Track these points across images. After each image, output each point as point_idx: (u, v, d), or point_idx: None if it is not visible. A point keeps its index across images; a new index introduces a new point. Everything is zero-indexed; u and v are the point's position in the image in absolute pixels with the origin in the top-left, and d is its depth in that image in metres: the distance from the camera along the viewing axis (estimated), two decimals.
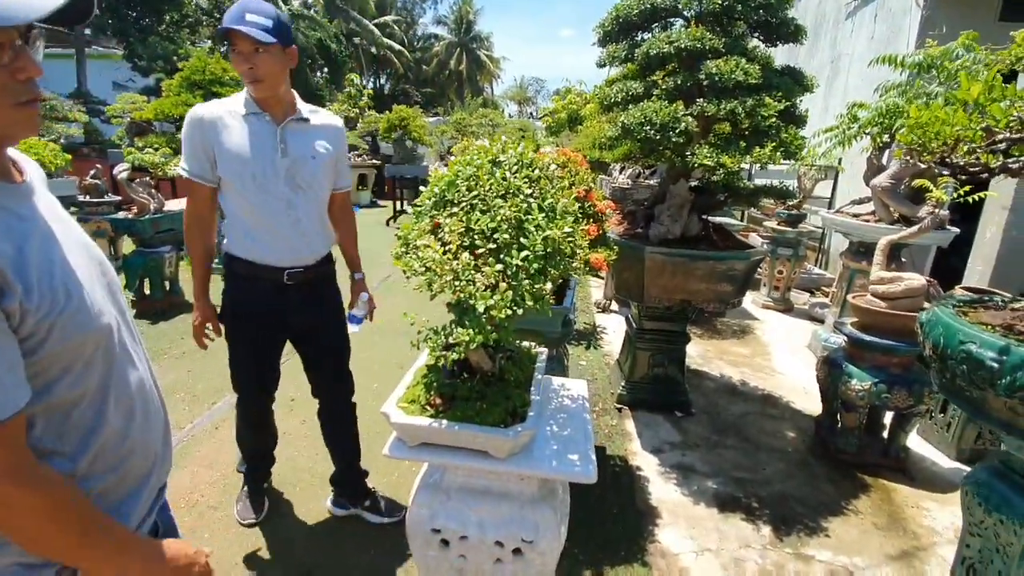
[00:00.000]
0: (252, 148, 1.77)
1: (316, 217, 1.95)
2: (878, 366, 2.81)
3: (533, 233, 1.00)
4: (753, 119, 2.34)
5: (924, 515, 2.55)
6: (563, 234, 1.03)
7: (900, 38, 5.90)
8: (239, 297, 1.97)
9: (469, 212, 1.04)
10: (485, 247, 1.00)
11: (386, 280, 6.12)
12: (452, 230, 1.02)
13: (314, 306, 2.05)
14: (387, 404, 1.21)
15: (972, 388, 1.45)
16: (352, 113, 13.84)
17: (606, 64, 2.92)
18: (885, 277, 2.81)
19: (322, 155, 1.90)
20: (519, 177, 1.08)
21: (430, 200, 1.13)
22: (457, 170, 1.11)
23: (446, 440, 1.12)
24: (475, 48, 36.29)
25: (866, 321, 2.89)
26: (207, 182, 1.84)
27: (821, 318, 5.31)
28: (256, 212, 1.83)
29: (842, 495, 2.66)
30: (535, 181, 1.10)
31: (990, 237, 4.33)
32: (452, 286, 0.98)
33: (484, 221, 1.01)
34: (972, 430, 2.98)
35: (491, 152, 1.14)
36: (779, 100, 2.38)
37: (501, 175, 1.08)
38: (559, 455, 1.17)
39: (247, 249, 1.89)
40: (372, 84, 31.09)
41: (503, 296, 0.95)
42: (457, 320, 1.03)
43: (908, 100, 3.98)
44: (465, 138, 9.98)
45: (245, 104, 1.81)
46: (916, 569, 2.21)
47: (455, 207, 1.06)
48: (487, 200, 1.04)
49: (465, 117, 12.58)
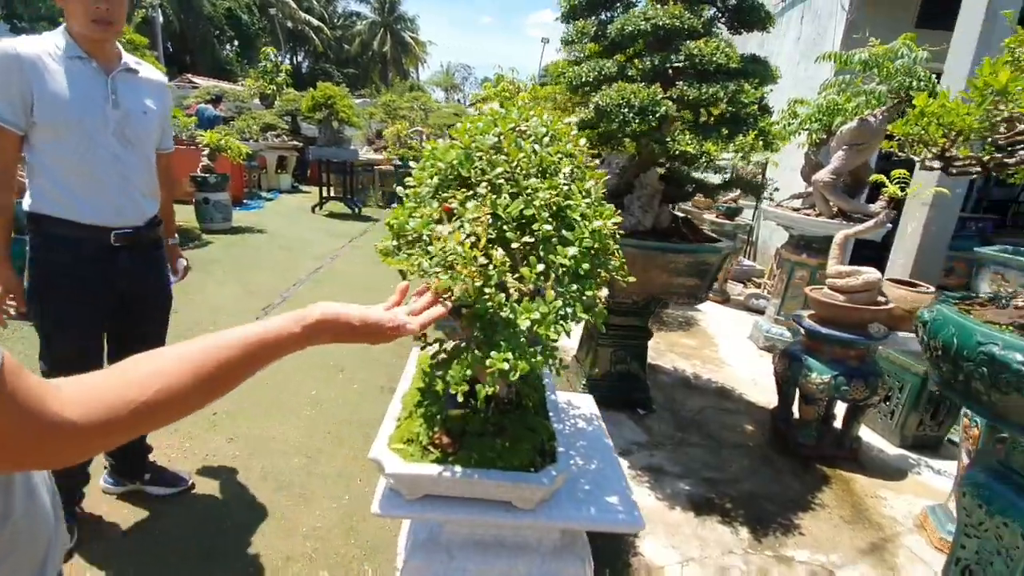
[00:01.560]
0: (80, 96, 1.63)
1: (145, 175, 1.86)
2: (837, 359, 2.84)
3: (579, 224, 0.76)
4: (734, 105, 2.21)
5: (883, 504, 2.60)
6: (614, 225, 0.80)
7: (826, 39, 6.17)
8: (54, 261, 1.74)
9: (496, 194, 0.78)
10: (519, 240, 0.75)
11: (316, 273, 5.61)
12: (477, 218, 0.75)
13: (143, 270, 1.92)
14: (377, 447, 0.92)
15: (992, 391, 1.39)
16: (269, 90, 12.76)
17: (573, 41, 2.71)
18: (844, 271, 2.84)
19: (152, 111, 1.84)
20: (552, 151, 0.83)
21: (433, 178, 0.86)
22: (472, 139, 0.84)
23: (460, 491, 0.87)
24: (400, 30, 35.00)
25: (824, 314, 2.91)
26: (18, 129, 1.62)
27: (758, 308, 5.48)
28: (79, 166, 1.68)
29: (807, 489, 2.66)
30: (570, 157, 0.86)
31: (911, 231, 4.60)
32: (479, 294, 0.72)
33: (516, 207, 0.76)
34: (914, 418, 3.10)
35: (510, 118, 0.88)
36: (756, 87, 2.28)
37: (528, 145, 0.83)
38: (593, 498, 0.94)
39: (66, 207, 1.70)
40: (289, 62, 29.11)
41: (552, 308, 0.71)
42: (483, 339, 0.77)
43: (846, 98, 4.11)
44: (397, 122, 9.47)
45: (67, 47, 1.64)
46: (888, 563, 2.22)
47: (474, 188, 0.80)
48: (516, 179, 0.79)
49: (395, 99, 11.97)
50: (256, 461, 2.45)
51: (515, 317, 0.71)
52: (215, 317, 4.03)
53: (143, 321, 1.98)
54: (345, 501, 2.25)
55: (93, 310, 1.82)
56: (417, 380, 1.07)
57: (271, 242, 6.67)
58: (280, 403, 2.96)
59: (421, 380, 1.06)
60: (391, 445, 0.91)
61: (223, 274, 5.18)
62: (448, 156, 0.84)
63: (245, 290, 4.79)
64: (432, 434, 0.91)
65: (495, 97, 9.64)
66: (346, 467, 2.47)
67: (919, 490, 2.75)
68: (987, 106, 1.49)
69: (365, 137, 12.62)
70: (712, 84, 2.17)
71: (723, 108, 2.25)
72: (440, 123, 10.58)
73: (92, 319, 1.84)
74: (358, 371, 3.44)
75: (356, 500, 2.26)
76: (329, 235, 7.42)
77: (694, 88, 2.16)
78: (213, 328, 3.48)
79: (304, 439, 2.66)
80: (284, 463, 2.45)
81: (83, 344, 1.84)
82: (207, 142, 6.91)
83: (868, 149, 3.84)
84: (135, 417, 0.56)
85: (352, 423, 2.85)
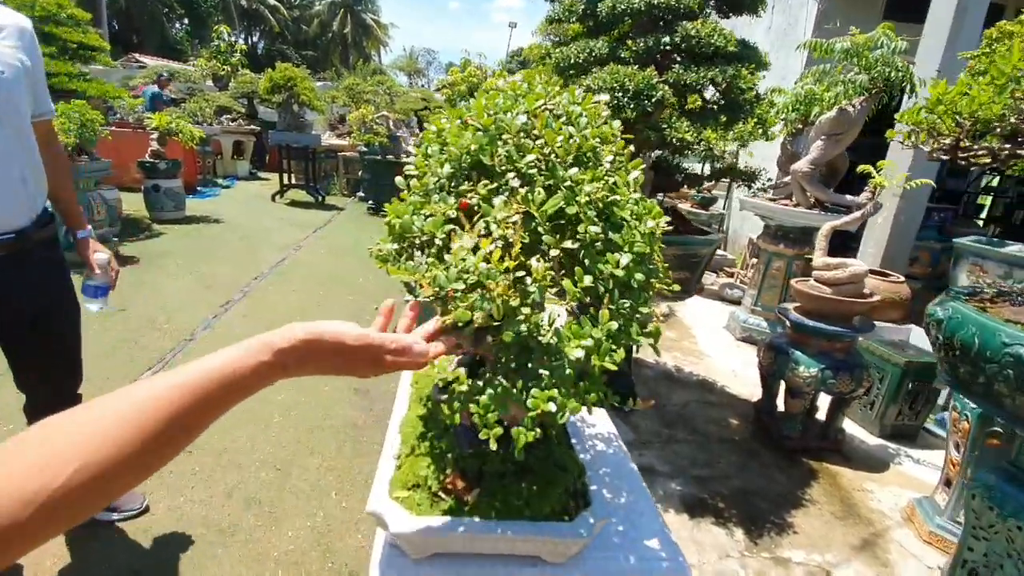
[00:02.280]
0: None
1: (21, 157, 1.40)
2: (823, 352, 2.81)
3: (629, 225, 0.62)
4: (732, 91, 2.10)
5: (870, 498, 2.59)
6: (666, 224, 0.66)
7: (797, 29, 6.19)
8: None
9: (529, 188, 0.62)
10: (557, 246, 0.60)
11: (280, 265, 5.30)
12: (507, 217, 0.60)
13: (36, 281, 1.51)
14: (375, 497, 0.76)
15: (1018, 394, 1.33)
16: (223, 71, 12.08)
17: (560, 19, 2.55)
18: (831, 263, 2.80)
19: (16, 68, 1.36)
20: (591, 135, 0.68)
21: (444, 166, 0.69)
22: (495, 119, 0.68)
23: (480, 548, 0.72)
24: (360, 11, 33.88)
25: (810, 307, 2.87)
26: None
27: (732, 299, 5.49)
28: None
29: (795, 484, 2.63)
30: (610, 142, 0.71)
31: (882, 221, 4.67)
32: (513, 313, 0.57)
33: (554, 203, 0.61)
34: (894, 408, 3.12)
35: (537, 94, 0.72)
36: (752, 72, 2.17)
37: (558, 127, 0.67)
38: (629, 541, 0.81)
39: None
40: (244, 42, 27.77)
41: (606, 330, 0.57)
42: (517, 369, 0.61)
43: (824, 87, 4.09)
44: (361, 106, 9.09)
45: None
46: (881, 559, 2.20)
47: (499, 180, 0.64)
48: (553, 169, 0.64)
49: (358, 83, 11.51)
50: (220, 476, 2.23)
51: (562, 344, 0.57)
52: (169, 315, 3.73)
53: (48, 342, 1.61)
54: (320, 519, 2.07)
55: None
56: (416, 405, 0.91)
57: (229, 232, 6.29)
58: (245, 410, 2.73)
59: (421, 405, 0.90)
60: (393, 493, 0.75)
61: (176, 267, 4.82)
62: (464, 140, 0.68)
63: (201, 284, 4.47)
64: (443, 477, 0.75)
65: (462, 82, 9.44)
66: (320, 479, 2.28)
67: (902, 481, 2.76)
68: (1008, 95, 1.42)
69: (328, 122, 12.12)
70: (711, 68, 2.06)
71: (710, 95, 2.14)
72: (407, 108, 10.22)
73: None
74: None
75: (332, 517, 2.08)
76: (291, 225, 7.07)
77: (692, 72, 2.04)
78: (167, 326, 3.19)
79: (273, 449, 2.45)
80: (251, 477, 2.25)
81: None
82: (156, 125, 6.44)
83: (845, 139, 3.83)
84: (69, 507, 0.39)
85: (324, 429, 2.65)
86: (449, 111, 0.83)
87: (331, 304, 4.33)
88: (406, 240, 0.68)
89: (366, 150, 8.58)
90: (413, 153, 0.87)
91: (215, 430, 2.52)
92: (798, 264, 4.32)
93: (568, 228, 0.62)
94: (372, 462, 2.45)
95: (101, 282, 1.64)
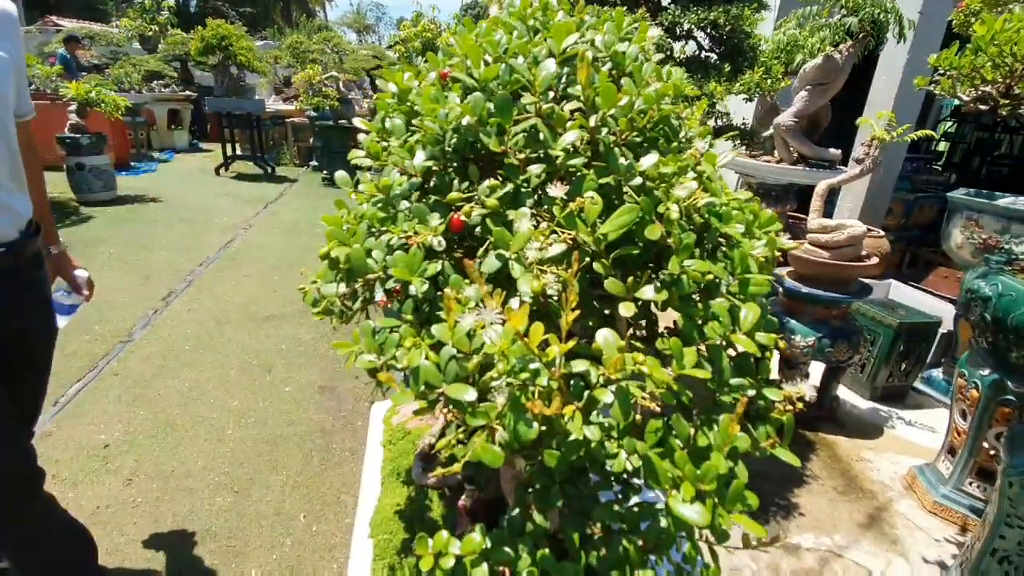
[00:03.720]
0: None
1: (8, 163, 1.23)
2: (819, 319, 2.67)
3: (740, 247, 0.37)
4: (735, 35, 1.83)
5: (869, 468, 2.52)
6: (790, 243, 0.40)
7: None
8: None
9: (574, 191, 0.36)
10: (628, 295, 0.34)
11: (228, 247, 4.85)
12: (548, 247, 0.33)
13: (20, 304, 1.33)
14: None
15: None
16: (150, 31, 10.98)
17: None
18: (828, 225, 2.63)
19: (3, 61, 1.19)
20: (659, 93, 0.40)
21: (416, 154, 0.41)
22: (500, 68, 0.39)
23: None
24: None
25: (806, 272, 2.71)
26: None
27: None
28: None
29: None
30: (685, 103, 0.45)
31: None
32: (557, 426, 0.31)
33: (622, 222, 0.33)
34: (885, 371, 3.05)
35: (567, 24, 0.43)
36: (755, 12, 1.90)
37: (604, 80, 0.39)
38: None
39: None
40: None
41: (727, 444, 0.32)
42: (574, 519, 0.35)
43: (806, 33, 3.85)
44: (307, 66, 8.39)
45: None
46: (889, 535, 2.12)
47: (513, 176, 0.37)
48: (609, 156, 0.36)
49: (303, 41, 10.65)
50: (167, 507, 1.95)
51: (664, 484, 0.31)
52: (102, 313, 3.31)
53: (23, 369, 1.37)
54: (287, 548, 1.82)
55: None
56: (391, 484, 0.64)
57: (169, 213, 5.74)
58: (194, 422, 2.42)
59: (398, 483, 0.64)
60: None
61: (109, 256, 4.33)
62: (448, 108, 0.39)
63: (139, 275, 4.02)
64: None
65: (415, 38, 8.77)
66: (284, 501, 2.02)
67: (898, 447, 2.70)
68: None
69: (271, 85, 11.25)
70: (710, 8, 1.77)
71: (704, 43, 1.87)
72: (358, 67, 9.51)
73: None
74: (289, 370, 2.92)
75: (301, 544, 1.84)
76: (239, 201, 6.52)
77: (692, 13, 1.75)
78: (99, 327, 2.79)
79: (229, 468, 2.17)
80: (205, 505, 1.97)
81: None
82: (73, 95, 5.71)
83: (831, 89, 3.61)
84: None
85: (288, 438, 2.37)
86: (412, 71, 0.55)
87: (288, 290, 3.96)
88: (357, 281, 0.41)
89: (316, 115, 7.96)
90: (364, 129, 0.58)
91: (159, 450, 2.22)
92: (781, 223, 4.18)
93: (639, 261, 0.36)
94: (344, 474, 2.20)
95: (76, 301, 1.53)
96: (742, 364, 0.38)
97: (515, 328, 0.31)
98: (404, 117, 0.49)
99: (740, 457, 0.42)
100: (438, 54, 0.54)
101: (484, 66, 0.41)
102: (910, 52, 4.16)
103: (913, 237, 5.31)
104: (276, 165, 8.70)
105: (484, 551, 0.37)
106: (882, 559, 2.00)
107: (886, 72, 4.42)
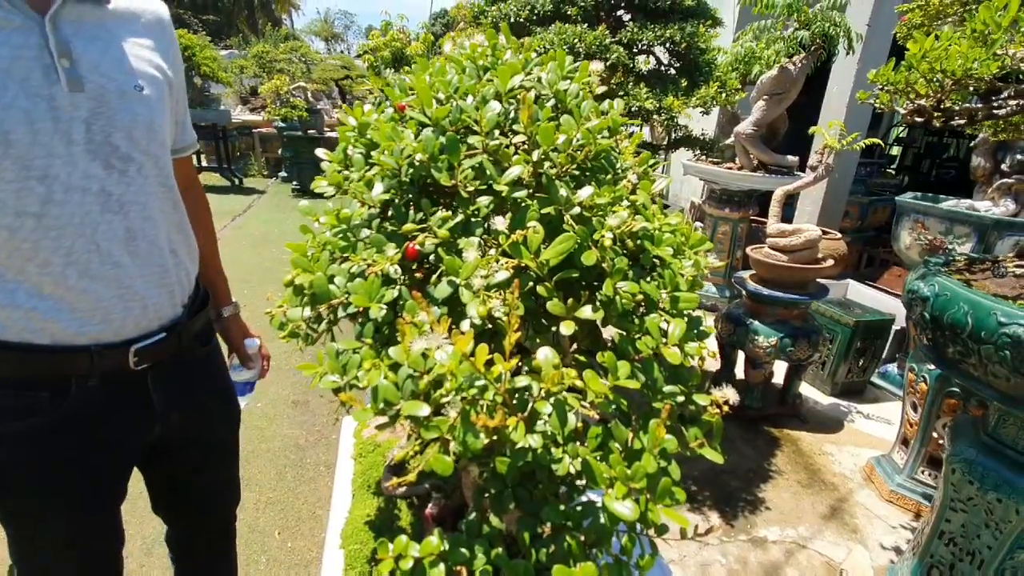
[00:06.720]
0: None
1: (172, 216, 0.95)
2: (781, 320, 2.78)
3: (671, 267, 0.41)
4: (691, 51, 1.91)
5: (831, 461, 2.62)
6: (715, 262, 0.45)
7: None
8: (16, 430, 0.85)
9: (517, 222, 0.39)
10: (569, 315, 0.38)
11: None
12: (492, 275, 0.37)
13: (191, 393, 1.06)
14: None
15: (1015, 376, 1.26)
16: None
17: None
18: (786, 230, 2.74)
19: (159, 83, 0.89)
20: (596, 128, 0.45)
21: (375, 186, 0.44)
22: (451, 107, 0.43)
23: None
24: None
25: (766, 275, 2.82)
26: None
27: None
28: (28, 234, 0.77)
29: (761, 456, 2.62)
30: (618, 135, 0.49)
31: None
32: (505, 440, 0.35)
33: (562, 249, 0.38)
34: (844, 367, 3.18)
35: (512, 65, 0.48)
36: (708, 29, 2.00)
37: (547, 117, 0.44)
38: None
39: (12, 318, 0.80)
40: None
41: (661, 447, 0.36)
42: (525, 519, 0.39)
43: (762, 45, 4.01)
44: (274, 76, 8.31)
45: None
46: (850, 525, 2.22)
47: (464, 207, 0.40)
48: (550, 188, 0.40)
49: (269, 50, 10.53)
50: (135, 529, 1.91)
51: (601, 484, 0.36)
52: None
53: (201, 461, 1.16)
54: (263, 565, 1.81)
55: (93, 493, 0.96)
56: (362, 496, 0.68)
57: None
58: None
59: (369, 494, 0.67)
60: None
61: None
62: (404, 144, 0.43)
63: None
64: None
65: (384, 47, 8.75)
66: (258, 518, 2.00)
67: (858, 440, 2.82)
68: (995, 49, 1.31)
69: (237, 95, 11.09)
70: (667, 25, 1.85)
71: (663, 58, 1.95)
72: (327, 77, 9.45)
73: (96, 503, 0.98)
74: (261, 385, 2.87)
75: (276, 562, 1.83)
76: None
77: (647, 30, 1.83)
78: None
79: None
80: None
81: (81, 536, 0.98)
82: None
83: (787, 98, 3.78)
84: None
85: (260, 455, 2.35)
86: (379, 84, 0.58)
87: (257, 306, 3.91)
88: (322, 304, 0.44)
89: (284, 125, 7.88)
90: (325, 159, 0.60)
91: None
92: (743, 227, 4.33)
93: (580, 283, 0.41)
94: (319, 488, 2.19)
95: (251, 376, 1.26)
96: (678, 373, 0.43)
97: (461, 350, 0.35)
98: (364, 149, 0.52)
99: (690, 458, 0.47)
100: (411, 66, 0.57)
101: (436, 104, 0.45)
102: (859, 63, 4.38)
103: (869, 238, 5.54)
104: (244, 176, 8.57)
105: (442, 552, 0.40)
106: (843, 548, 2.09)
107: (838, 82, 4.62)
